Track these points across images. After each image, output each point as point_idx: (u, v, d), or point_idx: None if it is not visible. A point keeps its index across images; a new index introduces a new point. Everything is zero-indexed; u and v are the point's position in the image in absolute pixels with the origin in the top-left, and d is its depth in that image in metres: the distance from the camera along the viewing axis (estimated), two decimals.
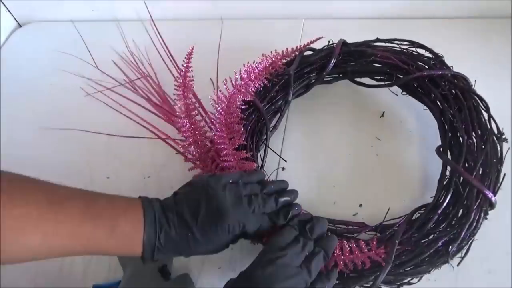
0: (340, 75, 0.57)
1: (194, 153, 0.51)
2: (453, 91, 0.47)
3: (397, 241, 0.40)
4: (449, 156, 0.46)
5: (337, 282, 0.43)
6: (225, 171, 0.48)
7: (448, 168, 0.45)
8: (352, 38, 0.56)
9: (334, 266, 0.41)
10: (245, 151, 0.48)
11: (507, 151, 0.45)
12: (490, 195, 0.41)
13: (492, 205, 0.41)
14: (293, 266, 0.37)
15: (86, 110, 0.67)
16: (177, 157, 0.55)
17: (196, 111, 0.52)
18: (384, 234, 0.44)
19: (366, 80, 0.56)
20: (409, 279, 0.42)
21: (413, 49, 0.53)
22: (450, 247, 0.40)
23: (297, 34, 0.70)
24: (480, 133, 0.45)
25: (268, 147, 0.54)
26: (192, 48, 0.52)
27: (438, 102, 0.48)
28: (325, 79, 0.57)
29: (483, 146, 0.44)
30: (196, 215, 0.38)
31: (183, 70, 0.51)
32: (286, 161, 0.56)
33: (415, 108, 0.55)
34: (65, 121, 0.63)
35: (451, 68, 0.49)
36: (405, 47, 0.53)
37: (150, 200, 0.39)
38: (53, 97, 0.71)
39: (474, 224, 0.41)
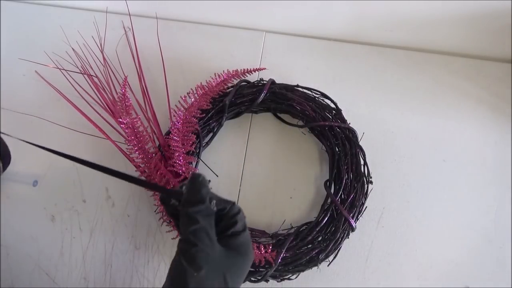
0: (266, 109, 0.69)
1: (139, 157, 0.60)
2: (343, 140, 0.62)
3: (283, 250, 0.55)
4: (332, 188, 0.61)
5: None
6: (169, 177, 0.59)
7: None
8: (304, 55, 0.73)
9: None
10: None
11: (371, 190, 0.62)
12: (352, 222, 0.57)
13: (352, 229, 0.58)
14: None
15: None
16: None
17: (139, 122, 0.62)
18: (277, 240, 0.59)
19: (285, 115, 0.69)
20: (289, 275, 0.58)
21: (323, 98, 0.67)
22: (320, 255, 0.56)
23: (258, 46, 0.76)
24: (356, 174, 0.61)
25: (200, 159, 0.66)
26: (126, 77, 0.65)
27: (332, 146, 0.63)
28: (253, 109, 0.69)
29: (355, 185, 0.60)
30: None
31: (121, 98, 0.63)
32: (217, 175, 0.67)
33: (317, 147, 0.67)
34: None
35: (346, 121, 0.65)
36: (317, 95, 0.68)
37: None
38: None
39: (339, 241, 0.57)
